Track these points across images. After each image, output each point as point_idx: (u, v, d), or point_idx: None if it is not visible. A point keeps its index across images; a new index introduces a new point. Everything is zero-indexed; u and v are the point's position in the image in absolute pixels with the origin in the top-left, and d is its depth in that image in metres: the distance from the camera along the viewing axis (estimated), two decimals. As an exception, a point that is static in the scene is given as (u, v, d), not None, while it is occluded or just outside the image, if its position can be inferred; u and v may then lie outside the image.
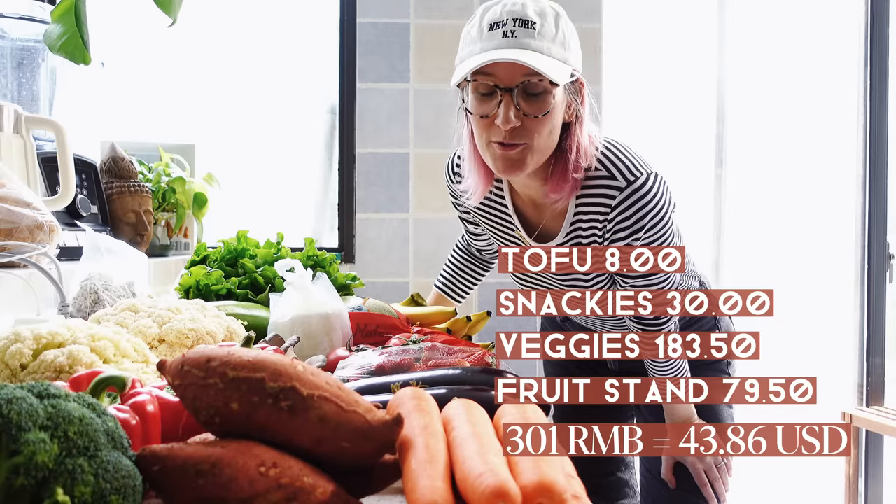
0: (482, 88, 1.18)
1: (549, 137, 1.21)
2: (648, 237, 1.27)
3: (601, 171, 1.26)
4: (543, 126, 1.18)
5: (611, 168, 1.26)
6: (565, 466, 0.67)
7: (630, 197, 1.24)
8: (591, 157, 1.25)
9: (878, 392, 3.05)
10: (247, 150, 2.94)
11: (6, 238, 1.23)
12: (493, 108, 1.17)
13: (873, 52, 3.03)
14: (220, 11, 2.88)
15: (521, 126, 1.17)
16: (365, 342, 1.33)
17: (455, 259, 1.75)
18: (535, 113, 1.17)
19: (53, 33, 1.03)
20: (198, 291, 1.50)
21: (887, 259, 3.06)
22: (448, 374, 0.92)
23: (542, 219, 1.36)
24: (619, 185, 1.24)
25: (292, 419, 0.59)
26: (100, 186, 1.89)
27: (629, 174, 1.25)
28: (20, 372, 0.85)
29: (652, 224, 1.25)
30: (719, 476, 1.44)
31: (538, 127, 1.18)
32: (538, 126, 1.18)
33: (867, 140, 3.05)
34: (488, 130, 1.20)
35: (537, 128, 1.18)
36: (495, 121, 1.17)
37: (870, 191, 3.05)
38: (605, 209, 1.27)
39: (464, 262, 1.74)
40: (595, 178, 1.27)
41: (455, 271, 1.74)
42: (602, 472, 1.65)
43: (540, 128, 1.18)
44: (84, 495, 0.49)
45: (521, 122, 1.17)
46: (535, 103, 1.17)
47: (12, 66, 1.74)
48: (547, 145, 1.21)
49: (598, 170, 1.26)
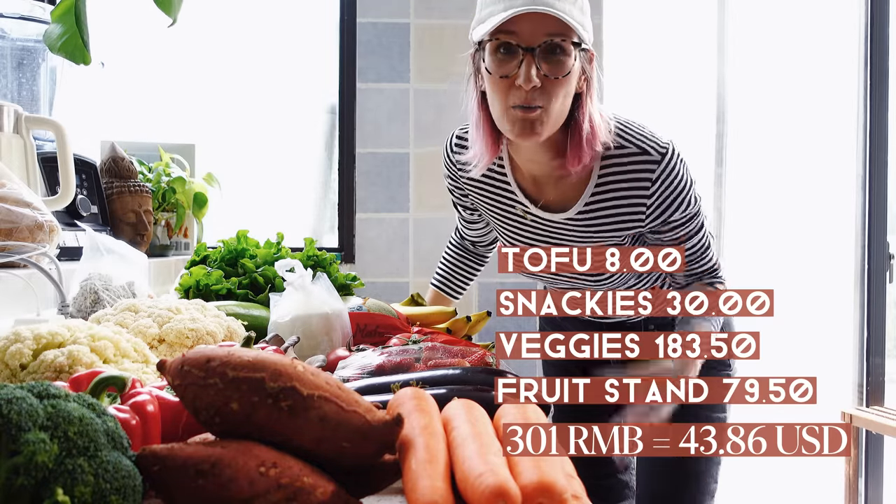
0: (503, 48, 1.16)
1: (563, 103, 1.20)
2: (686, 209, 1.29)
3: (629, 148, 1.26)
4: (561, 89, 1.17)
5: (637, 144, 1.26)
6: (565, 466, 0.67)
7: (666, 169, 1.25)
8: (604, 132, 1.24)
9: (878, 392, 3.05)
10: (247, 150, 2.94)
11: (6, 238, 1.23)
12: (514, 69, 1.15)
13: (873, 52, 3.03)
14: (220, 11, 2.88)
15: (541, 87, 1.16)
16: (365, 342, 1.33)
17: (449, 255, 1.75)
18: (556, 74, 1.15)
19: (53, 33, 1.02)
20: (198, 291, 1.50)
21: (887, 259, 3.06)
22: (448, 374, 0.92)
23: (542, 195, 1.35)
24: (654, 158, 1.25)
25: (292, 419, 0.59)
26: (100, 186, 1.89)
27: (659, 147, 1.25)
28: (20, 372, 0.84)
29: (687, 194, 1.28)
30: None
31: (556, 89, 1.17)
32: (556, 88, 1.17)
33: (867, 140, 3.05)
34: (507, 93, 1.18)
35: (556, 90, 1.17)
36: (516, 81, 1.15)
37: (870, 191, 3.05)
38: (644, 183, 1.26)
39: (458, 257, 1.74)
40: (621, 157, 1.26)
41: (450, 268, 1.74)
42: (602, 473, 1.65)
43: (558, 90, 1.17)
44: (84, 495, 0.49)
45: (541, 83, 1.15)
46: (556, 64, 1.16)
47: (12, 66, 1.74)
48: (561, 111, 1.20)
49: (623, 146, 1.26)
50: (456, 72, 3.00)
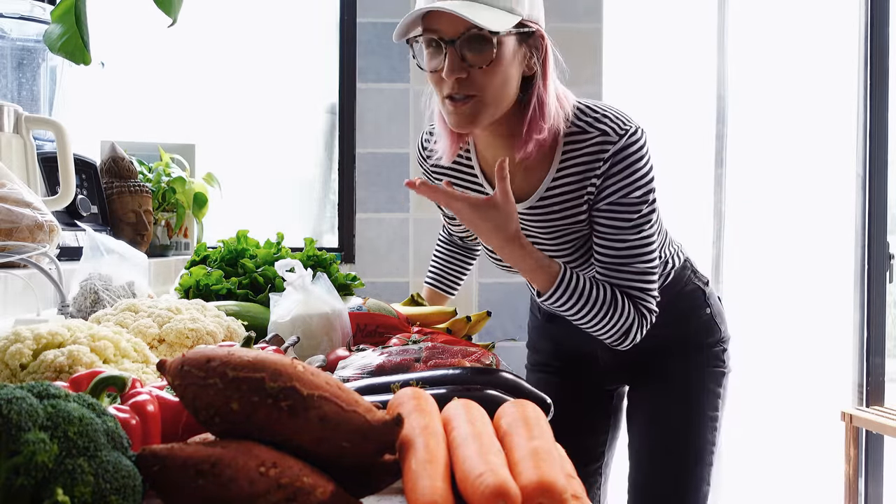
0: (428, 43, 1.19)
1: (503, 90, 1.20)
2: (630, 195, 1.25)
3: (591, 132, 1.25)
4: (492, 77, 1.18)
5: (598, 125, 1.25)
6: (565, 466, 0.67)
7: (624, 150, 1.23)
8: (556, 117, 1.24)
9: (878, 392, 3.05)
10: (247, 150, 2.94)
11: (6, 238, 1.23)
12: (441, 62, 1.18)
13: (873, 52, 3.03)
14: (220, 11, 2.88)
15: (468, 78, 1.17)
16: (365, 342, 1.33)
17: (439, 252, 1.75)
18: (480, 63, 1.16)
19: (53, 33, 1.02)
20: (198, 291, 1.51)
21: (887, 259, 3.06)
22: (448, 374, 0.92)
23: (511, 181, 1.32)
24: (611, 139, 1.24)
25: (292, 419, 0.59)
26: (100, 186, 1.89)
27: (619, 129, 1.24)
28: (20, 372, 0.85)
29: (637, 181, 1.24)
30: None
31: (486, 78, 1.17)
32: (486, 77, 1.17)
33: (867, 140, 3.05)
34: (440, 85, 1.20)
35: (486, 79, 1.17)
36: (442, 74, 1.17)
37: (870, 191, 3.05)
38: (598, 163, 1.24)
39: (448, 253, 1.74)
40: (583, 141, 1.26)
41: (441, 264, 1.74)
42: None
43: (488, 79, 1.17)
44: (84, 495, 0.49)
45: (467, 74, 1.17)
46: (479, 54, 1.16)
47: (12, 66, 1.74)
48: (500, 97, 1.20)
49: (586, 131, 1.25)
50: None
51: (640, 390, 1.55)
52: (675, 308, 1.45)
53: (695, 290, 1.50)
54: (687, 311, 1.49)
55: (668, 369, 1.50)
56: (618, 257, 1.27)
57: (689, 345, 1.50)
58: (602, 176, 1.25)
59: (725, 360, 1.52)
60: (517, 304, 2.81)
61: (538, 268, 1.25)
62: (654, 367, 1.50)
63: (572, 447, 1.57)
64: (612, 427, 1.65)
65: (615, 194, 1.24)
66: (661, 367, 1.50)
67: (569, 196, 1.29)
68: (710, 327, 1.51)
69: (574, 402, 1.61)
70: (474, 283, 2.80)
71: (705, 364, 1.50)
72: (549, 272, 1.25)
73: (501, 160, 1.19)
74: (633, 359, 1.45)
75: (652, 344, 1.41)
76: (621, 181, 1.24)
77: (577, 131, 1.26)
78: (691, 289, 1.50)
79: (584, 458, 1.63)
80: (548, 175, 1.29)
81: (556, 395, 1.60)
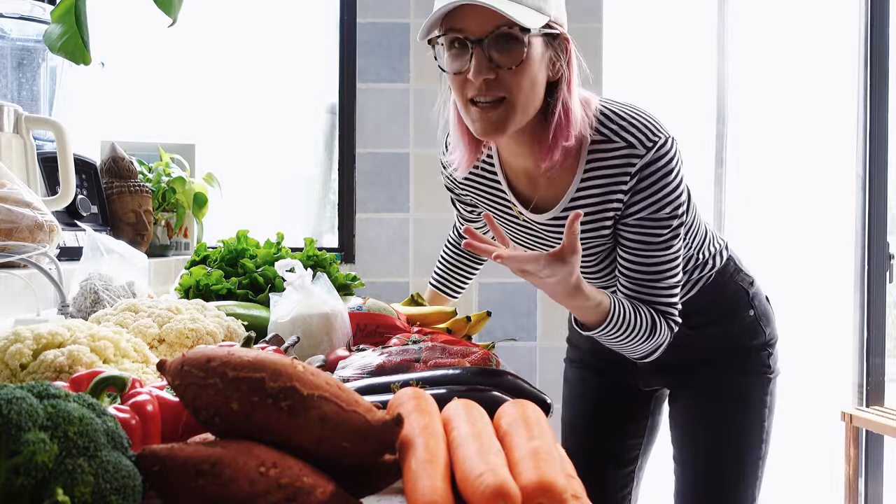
0: (453, 43, 1.12)
1: (531, 93, 1.14)
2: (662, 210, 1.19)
3: (616, 142, 1.19)
4: (521, 78, 1.12)
5: (624, 135, 1.19)
6: (565, 466, 0.67)
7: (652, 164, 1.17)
8: (583, 124, 1.18)
9: (878, 392, 3.05)
10: (247, 150, 2.94)
11: (6, 238, 1.23)
12: (466, 63, 1.11)
13: (873, 52, 3.03)
14: (220, 11, 2.88)
15: (497, 79, 1.11)
16: (365, 342, 1.33)
17: (447, 255, 1.72)
18: (509, 64, 1.10)
19: (53, 33, 1.02)
20: (198, 291, 1.50)
21: (887, 259, 3.06)
22: (448, 374, 0.92)
23: (536, 191, 1.28)
24: (638, 152, 1.17)
25: (292, 419, 0.59)
26: (100, 186, 1.89)
27: (647, 140, 1.18)
28: (20, 372, 0.85)
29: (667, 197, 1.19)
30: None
31: (515, 79, 1.11)
32: (515, 79, 1.11)
33: (867, 140, 3.05)
34: (464, 88, 1.14)
35: (514, 80, 1.11)
36: (468, 75, 1.11)
37: (870, 191, 3.05)
38: (625, 178, 1.18)
39: (456, 258, 1.71)
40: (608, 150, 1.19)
41: (448, 268, 1.72)
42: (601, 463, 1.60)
43: (517, 80, 1.11)
44: (84, 495, 0.49)
45: (495, 75, 1.11)
46: (508, 53, 1.10)
47: (12, 66, 1.74)
48: (528, 102, 1.14)
49: (611, 140, 1.19)
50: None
51: (683, 396, 1.49)
52: (717, 310, 1.41)
53: (737, 290, 1.44)
54: (729, 312, 1.43)
55: (711, 375, 1.43)
56: (647, 273, 1.23)
57: (732, 349, 1.43)
58: (629, 192, 1.20)
59: (772, 365, 1.45)
60: (517, 304, 2.81)
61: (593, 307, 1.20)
62: (696, 373, 1.44)
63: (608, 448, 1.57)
64: (650, 430, 1.60)
65: (644, 211, 1.20)
66: (703, 373, 1.44)
67: (594, 208, 1.23)
68: (754, 329, 1.44)
69: (613, 402, 1.57)
70: (474, 283, 2.80)
71: (750, 370, 1.44)
72: (600, 310, 1.20)
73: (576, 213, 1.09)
74: (675, 363, 1.41)
75: (694, 348, 1.38)
76: (650, 197, 1.19)
77: (601, 139, 1.20)
78: (734, 289, 1.44)
79: (619, 461, 1.59)
80: (572, 185, 1.24)
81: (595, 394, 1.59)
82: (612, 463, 1.58)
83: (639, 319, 1.22)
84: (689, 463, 1.47)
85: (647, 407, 1.58)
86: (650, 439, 1.61)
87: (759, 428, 1.43)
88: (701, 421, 1.46)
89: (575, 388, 1.63)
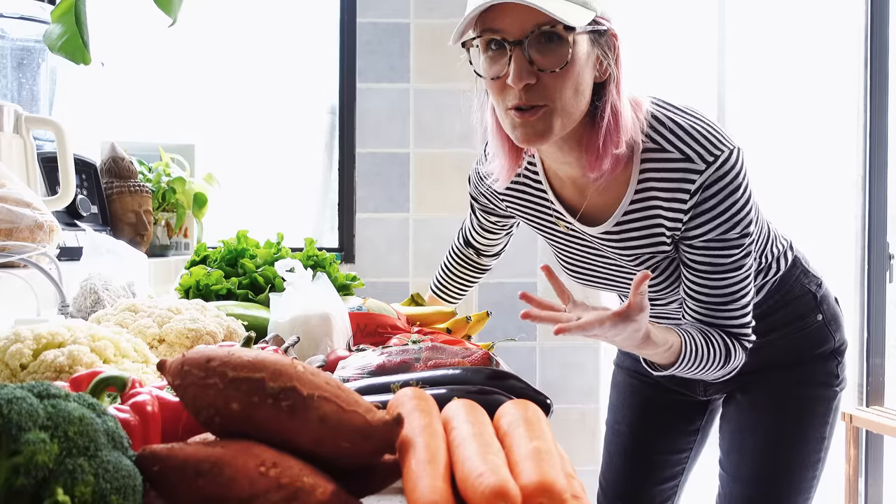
0: (489, 45, 1.03)
1: (576, 97, 1.04)
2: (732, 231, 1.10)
3: (671, 152, 1.09)
4: (565, 82, 1.02)
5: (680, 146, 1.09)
6: (565, 466, 0.66)
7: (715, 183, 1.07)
8: (633, 128, 1.08)
9: (878, 392, 3.05)
10: (247, 150, 2.94)
11: (6, 238, 1.23)
12: (504, 67, 1.02)
13: (873, 53, 3.03)
14: (220, 11, 2.88)
15: (538, 84, 1.01)
16: (365, 342, 1.33)
17: (451, 264, 1.67)
18: (552, 67, 1.00)
19: (53, 33, 1.02)
20: (198, 291, 1.51)
21: (887, 259, 3.06)
22: (448, 374, 0.92)
23: (581, 196, 1.18)
24: (697, 167, 1.07)
25: (292, 419, 0.59)
26: (100, 186, 1.89)
27: (707, 153, 1.07)
28: (20, 372, 0.84)
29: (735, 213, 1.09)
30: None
31: (558, 84, 1.01)
32: (558, 83, 1.01)
33: (867, 140, 3.05)
34: (503, 94, 1.04)
35: (557, 85, 1.01)
36: (507, 80, 1.01)
37: (870, 191, 3.05)
38: (682, 195, 1.09)
39: (459, 267, 1.66)
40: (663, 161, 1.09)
41: (451, 277, 1.68)
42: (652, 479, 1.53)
43: (561, 85, 1.01)
44: (84, 495, 0.49)
45: (536, 80, 1.01)
46: (550, 55, 1.00)
47: (12, 66, 1.74)
48: (573, 106, 1.04)
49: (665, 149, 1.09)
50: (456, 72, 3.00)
51: (738, 401, 1.40)
52: (782, 315, 1.33)
53: (804, 294, 1.35)
54: (796, 318, 1.33)
55: (773, 383, 1.34)
56: (718, 296, 1.15)
57: (798, 357, 1.34)
58: (689, 212, 1.10)
59: (839, 374, 1.35)
60: (517, 304, 2.80)
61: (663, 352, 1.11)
62: (757, 380, 1.35)
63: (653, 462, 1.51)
64: (699, 443, 1.53)
65: (711, 233, 1.10)
66: (765, 380, 1.35)
67: (650, 222, 1.14)
68: (822, 336, 1.34)
69: (662, 416, 1.50)
70: (474, 283, 2.80)
71: (816, 380, 1.34)
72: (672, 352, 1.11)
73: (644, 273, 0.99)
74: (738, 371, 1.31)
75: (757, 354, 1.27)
76: (717, 218, 1.09)
77: (655, 148, 1.10)
78: (800, 292, 1.35)
79: (664, 475, 1.51)
80: (625, 197, 1.14)
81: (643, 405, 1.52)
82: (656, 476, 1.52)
83: (712, 351, 1.14)
84: (736, 472, 1.38)
85: (700, 420, 1.50)
86: (698, 451, 1.54)
87: (818, 445, 1.35)
88: (755, 429, 1.36)
89: (623, 396, 1.55)
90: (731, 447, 1.40)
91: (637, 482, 1.53)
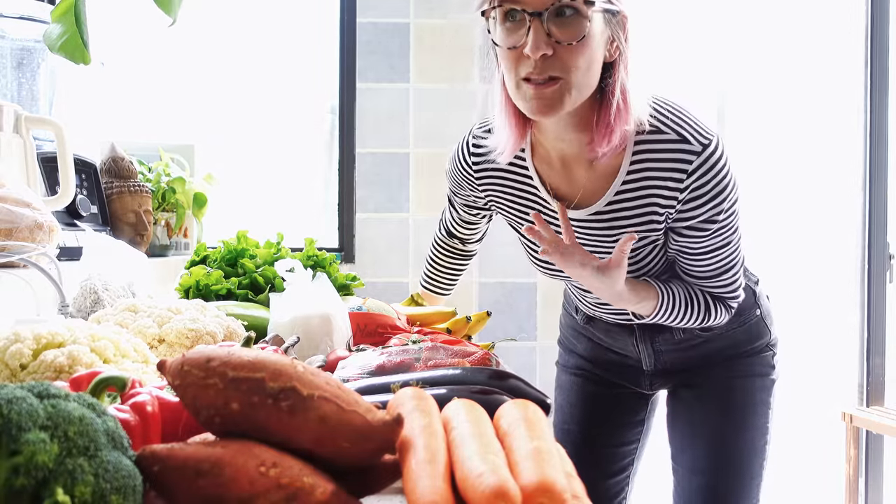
0: (508, 15, 1.06)
1: (588, 72, 1.07)
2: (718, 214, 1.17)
3: (667, 133, 1.14)
4: (579, 56, 1.05)
5: (675, 128, 1.14)
6: (566, 466, 0.66)
7: (706, 164, 1.13)
8: (640, 109, 1.12)
9: (879, 392, 3.05)
10: (247, 150, 2.94)
11: (6, 238, 1.23)
12: (522, 38, 1.04)
13: (874, 53, 3.03)
14: (220, 11, 2.88)
15: (554, 56, 1.04)
16: (365, 342, 1.33)
17: (436, 256, 1.69)
18: (569, 39, 1.03)
19: (53, 33, 1.02)
20: (198, 291, 1.51)
21: (887, 259, 3.07)
22: (448, 374, 0.92)
23: (570, 182, 1.22)
24: (693, 148, 1.13)
25: (292, 419, 0.59)
26: (100, 186, 1.89)
27: (702, 137, 1.14)
28: (20, 372, 0.84)
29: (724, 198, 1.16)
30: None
31: (573, 57, 1.04)
32: (573, 56, 1.04)
33: (867, 140, 3.06)
34: (517, 64, 1.07)
35: (572, 58, 1.04)
36: (524, 50, 1.04)
37: (870, 191, 3.05)
38: (678, 175, 1.14)
39: (445, 258, 1.68)
40: (657, 142, 1.15)
41: (438, 269, 1.70)
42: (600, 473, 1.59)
43: (575, 58, 1.05)
44: (84, 495, 0.49)
45: (553, 51, 1.04)
46: (568, 28, 1.03)
47: (12, 66, 1.74)
48: (585, 81, 1.08)
49: (661, 131, 1.14)
50: (456, 72, 3.00)
51: (684, 397, 1.47)
52: None
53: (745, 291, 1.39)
54: (737, 313, 1.38)
55: (716, 376, 1.42)
56: (709, 271, 1.25)
57: (738, 350, 1.42)
58: (685, 199, 1.16)
59: (774, 366, 1.45)
60: (517, 304, 2.81)
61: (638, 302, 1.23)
62: (701, 373, 1.43)
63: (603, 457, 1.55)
64: (644, 434, 1.58)
65: (703, 215, 1.17)
66: (708, 374, 1.43)
67: (642, 203, 1.19)
68: (759, 330, 1.43)
69: (609, 410, 1.54)
70: (474, 283, 2.80)
71: (756, 371, 1.42)
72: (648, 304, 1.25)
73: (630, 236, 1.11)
74: (680, 363, 1.42)
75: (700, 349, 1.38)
76: (709, 202, 1.16)
77: (651, 129, 1.15)
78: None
79: (614, 468, 1.56)
80: (617, 177, 1.18)
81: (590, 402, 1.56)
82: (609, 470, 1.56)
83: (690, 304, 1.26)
84: (692, 464, 1.45)
85: (644, 410, 1.56)
86: (644, 443, 1.60)
87: (763, 429, 1.43)
88: (705, 422, 1.43)
89: (569, 395, 1.60)
90: (684, 442, 1.47)
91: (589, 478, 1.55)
